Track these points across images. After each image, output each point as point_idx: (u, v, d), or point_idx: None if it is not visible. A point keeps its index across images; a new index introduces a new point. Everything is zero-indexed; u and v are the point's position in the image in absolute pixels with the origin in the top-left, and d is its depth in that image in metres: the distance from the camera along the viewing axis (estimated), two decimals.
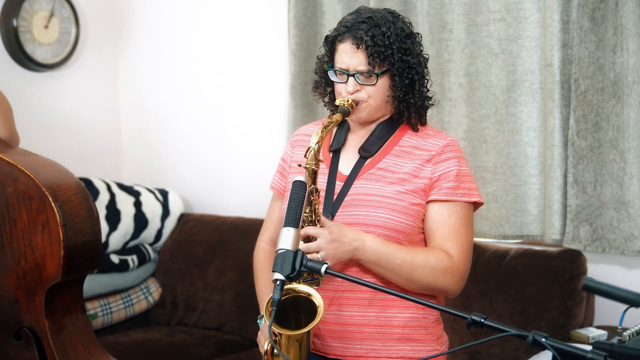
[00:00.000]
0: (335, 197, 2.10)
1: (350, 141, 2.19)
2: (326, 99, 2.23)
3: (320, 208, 2.06)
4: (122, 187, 3.87)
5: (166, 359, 3.42)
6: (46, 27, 3.90)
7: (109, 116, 4.29)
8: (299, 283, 1.97)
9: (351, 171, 2.13)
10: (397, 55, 2.05)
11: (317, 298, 1.92)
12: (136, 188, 3.93)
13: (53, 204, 2.23)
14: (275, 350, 1.97)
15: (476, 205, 2.15)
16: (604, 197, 3.03)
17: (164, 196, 3.99)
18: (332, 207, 2.09)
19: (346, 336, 2.09)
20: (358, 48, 2.04)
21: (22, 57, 3.79)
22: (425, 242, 2.14)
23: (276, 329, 1.87)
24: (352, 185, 2.10)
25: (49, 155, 2.56)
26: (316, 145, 2.00)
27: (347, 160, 2.16)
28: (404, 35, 2.08)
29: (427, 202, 2.10)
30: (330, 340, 2.11)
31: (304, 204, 1.89)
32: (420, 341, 2.12)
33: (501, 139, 3.24)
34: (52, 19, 3.92)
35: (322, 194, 2.12)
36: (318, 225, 2.01)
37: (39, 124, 3.87)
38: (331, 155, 2.18)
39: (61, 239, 2.23)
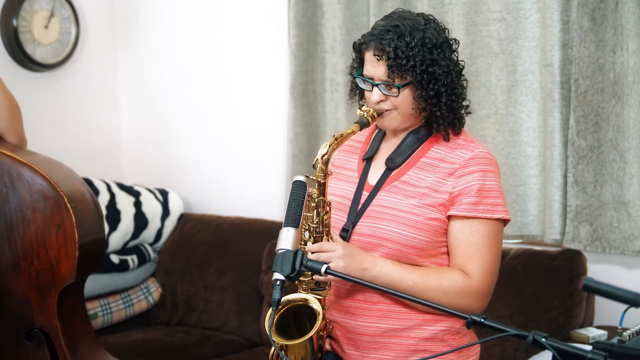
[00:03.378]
0: (359, 207, 2.08)
1: (382, 150, 2.16)
2: (361, 102, 2.18)
3: (329, 218, 2.03)
4: (122, 187, 3.87)
5: (166, 359, 3.43)
6: (46, 27, 3.89)
7: (108, 116, 4.28)
8: (308, 293, 1.97)
9: (377, 182, 2.10)
10: (420, 67, 1.98)
11: (314, 302, 1.91)
12: (136, 188, 3.93)
13: (68, 205, 2.22)
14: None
15: (505, 222, 2.07)
16: (604, 197, 3.03)
17: (164, 196, 3.99)
18: (355, 217, 2.07)
19: (360, 345, 2.10)
20: (379, 60, 2.00)
21: (22, 57, 3.79)
22: (448, 256, 2.09)
23: (278, 341, 1.88)
24: (376, 197, 2.08)
25: (49, 155, 2.56)
26: (324, 157, 1.99)
27: (376, 170, 2.13)
28: (430, 45, 1.99)
29: (448, 218, 2.04)
30: (347, 347, 2.12)
31: (304, 205, 1.89)
32: (433, 352, 2.07)
33: (501, 139, 3.24)
34: (52, 19, 3.91)
35: (346, 202, 2.10)
36: (327, 237, 2.00)
37: (38, 124, 3.87)
38: (364, 163, 2.16)
39: (76, 239, 2.22)
